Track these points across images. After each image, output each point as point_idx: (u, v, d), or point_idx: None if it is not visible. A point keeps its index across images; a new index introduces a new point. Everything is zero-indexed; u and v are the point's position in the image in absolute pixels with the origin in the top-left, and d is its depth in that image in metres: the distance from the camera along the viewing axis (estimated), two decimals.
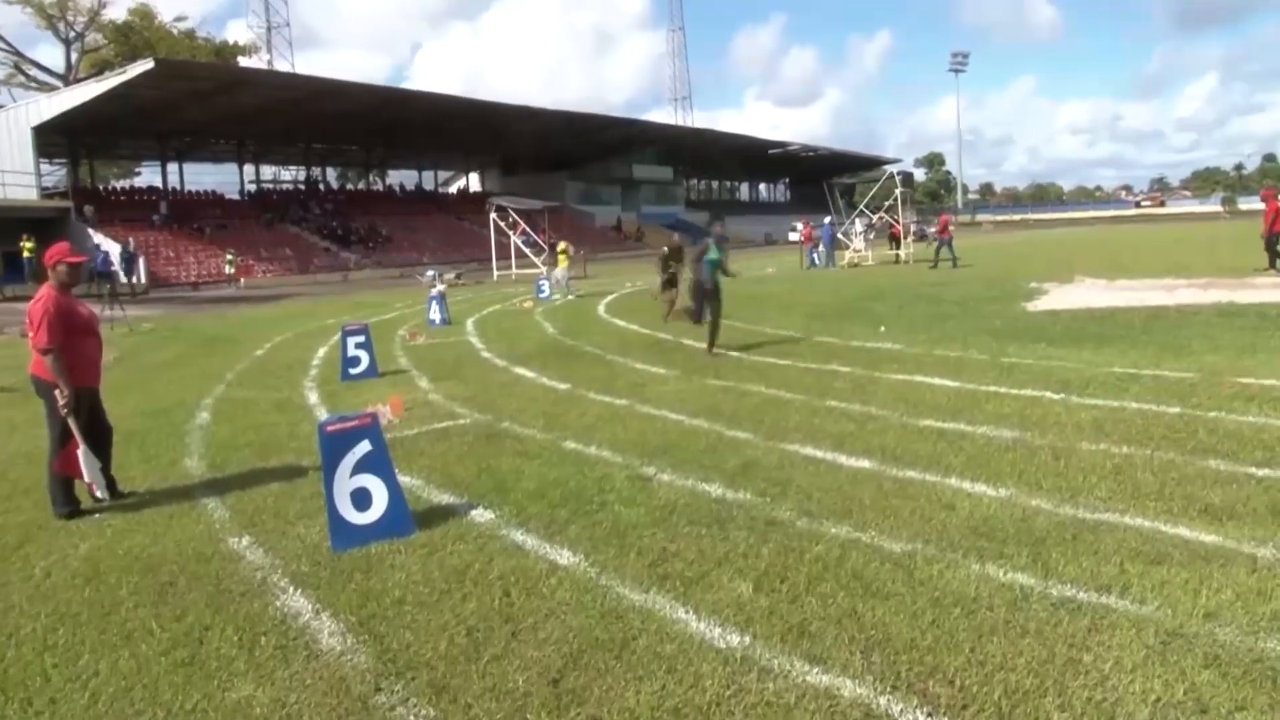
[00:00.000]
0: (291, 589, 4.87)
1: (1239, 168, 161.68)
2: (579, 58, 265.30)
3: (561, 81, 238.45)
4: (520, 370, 12.09)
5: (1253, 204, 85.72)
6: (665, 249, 20.08)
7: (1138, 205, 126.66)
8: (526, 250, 38.57)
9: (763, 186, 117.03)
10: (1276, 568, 4.45)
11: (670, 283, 18.82)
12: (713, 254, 12.97)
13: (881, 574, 4.63)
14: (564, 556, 5.12)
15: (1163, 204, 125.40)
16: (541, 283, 26.95)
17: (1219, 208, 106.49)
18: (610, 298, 24.96)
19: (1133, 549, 4.76)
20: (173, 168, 57.98)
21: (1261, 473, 5.93)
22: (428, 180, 78.40)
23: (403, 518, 5.66)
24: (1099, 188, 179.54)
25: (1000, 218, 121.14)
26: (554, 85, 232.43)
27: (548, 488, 6.42)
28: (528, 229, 39.58)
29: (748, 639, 4.03)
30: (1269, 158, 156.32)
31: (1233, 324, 12.62)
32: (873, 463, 6.63)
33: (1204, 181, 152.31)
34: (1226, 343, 11.15)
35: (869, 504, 5.73)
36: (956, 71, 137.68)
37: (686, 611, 4.33)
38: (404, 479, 6.25)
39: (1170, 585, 4.31)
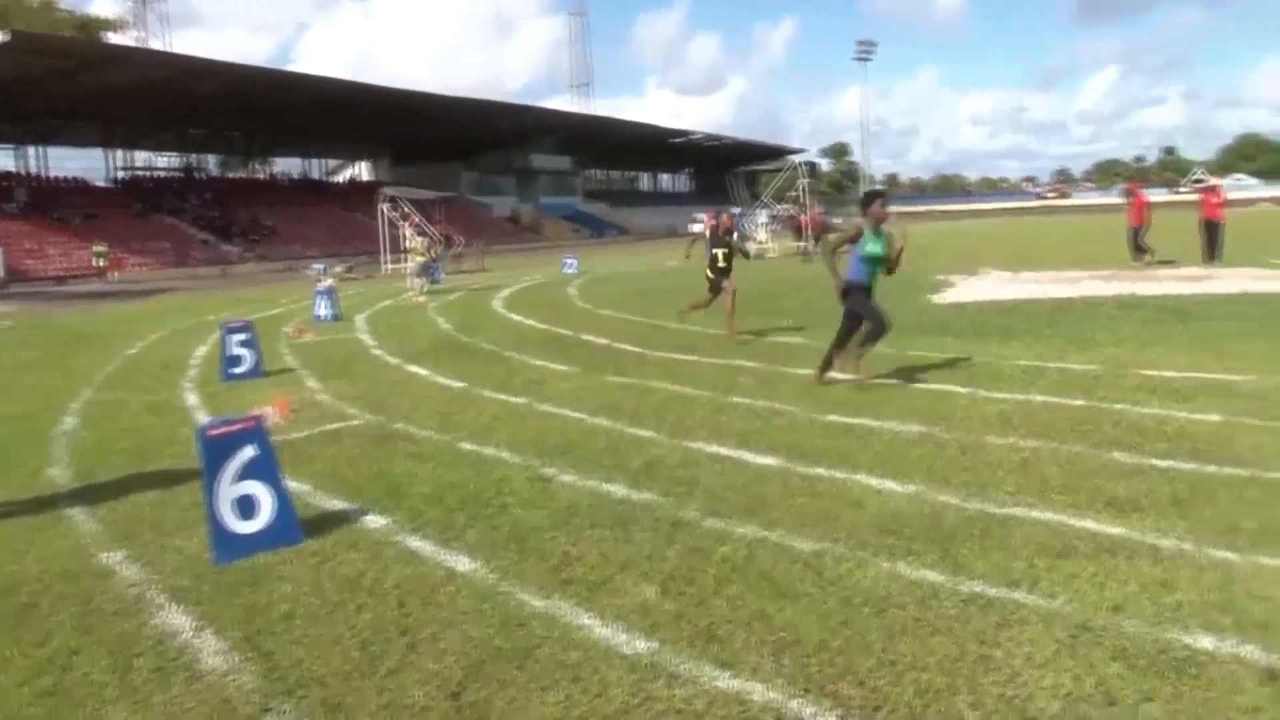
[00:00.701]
0: (170, 606, 4.56)
1: (1139, 160, 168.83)
2: (474, 42, 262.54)
3: (456, 67, 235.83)
4: (413, 368, 11.78)
5: (1155, 196, 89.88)
6: (706, 231, 14.20)
7: (1040, 197, 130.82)
8: (419, 241, 37.94)
9: (666, 177, 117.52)
10: (1179, 558, 4.51)
11: (718, 281, 13.44)
12: (873, 246, 9.08)
13: (791, 574, 4.56)
14: (462, 563, 4.93)
15: (1066, 195, 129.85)
16: (435, 269, 26.50)
17: (1122, 200, 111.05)
18: (507, 292, 24.66)
19: (1040, 543, 4.78)
20: (33, 151, 55.21)
21: (1163, 464, 6.05)
22: (315, 169, 76.53)
23: (291, 526, 5.38)
24: (1004, 179, 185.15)
25: (906, 209, 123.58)
26: (448, 71, 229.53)
27: (444, 491, 6.20)
28: (422, 220, 38.88)
29: (655, 644, 3.91)
30: (1168, 150, 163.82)
31: (1134, 316, 13.04)
32: (779, 460, 6.57)
33: (1105, 173, 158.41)
34: (1129, 335, 11.49)
35: (776, 502, 5.66)
36: (862, 60, 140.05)
37: (591, 617, 4.20)
38: (292, 484, 5.96)
39: (1078, 579, 4.33)
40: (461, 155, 76.14)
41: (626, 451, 7.01)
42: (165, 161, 66.71)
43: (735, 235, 13.40)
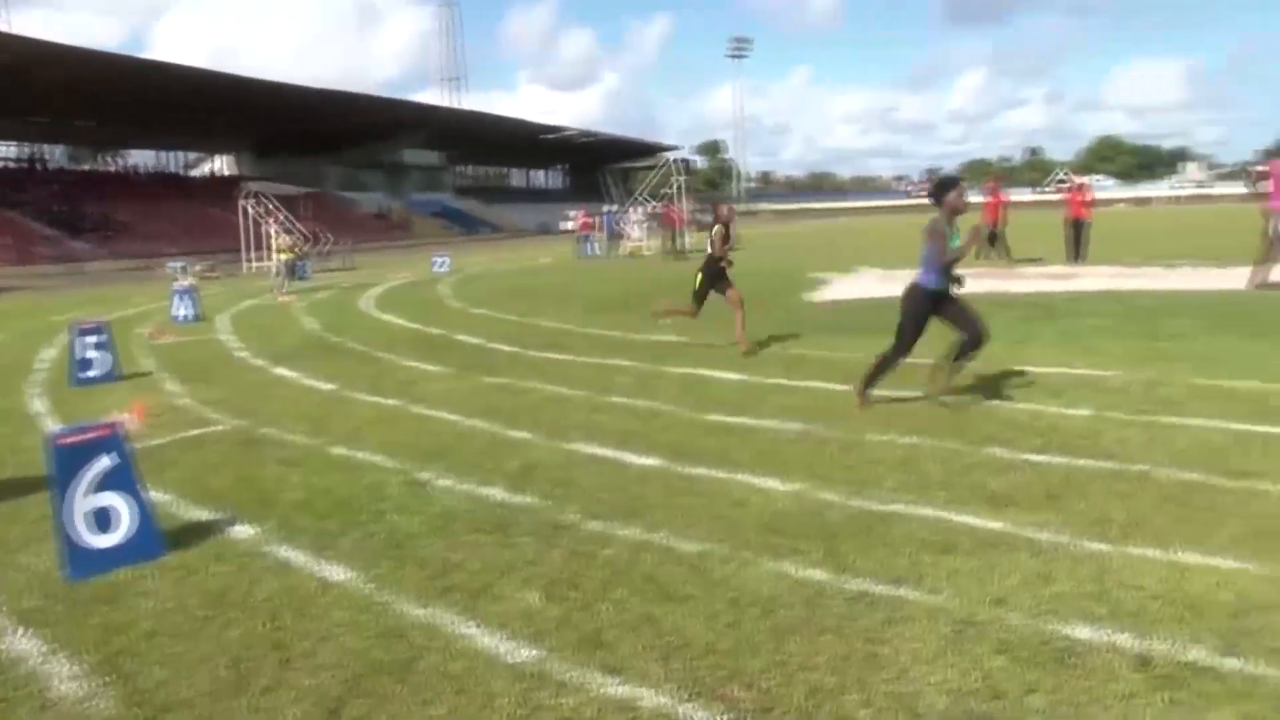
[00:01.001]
0: (17, 629, 4.25)
1: (1004, 160, 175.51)
2: (341, 33, 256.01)
3: (321, 57, 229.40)
4: (280, 370, 11.37)
5: (1021, 195, 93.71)
6: (717, 226, 11.81)
7: (909, 195, 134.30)
8: (285, 239, 36.78)
9: (540, 174, 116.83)
10: (1055, 551, 4.64)
11: (708, 289, 11.57)
12: (954, 241, 7.84)
13: (676, 576, 4.52)
14: (337, 573, 4.74)
15: (994, 194, 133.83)
16: (302, 268, 25.70)
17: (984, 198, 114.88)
18: (377, 291, 24.10)
19: (923, 539, 4.85)
20: None
21: (1037, 459, 6.22)
22: (172, 162, 73.40)
23: (151, 538, 5.08)
24: (879, 177, 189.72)
25: (780, 206, 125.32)
26: (313, 61, 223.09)
27: (315, 498, 5.97)
28: (288, 217, 37.67)
29: (540, 651, 3.83)
30: (1035, 150, 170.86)
31: (1005, 314, 13.46)
32: (660, 460, 6.54)
33: (974, 173, 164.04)
34: (1001, 332, 11.82)
35: (659, 503, 5.62)
36: (737, 58, 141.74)
37: (473, 625, 4.08)
38: (152, 494, 5.63)
39: (960, 574, 4.41)
40: (328, 149, 74.13)
41: (504, 454, 6.89)
42: (5, 151, 62.96)
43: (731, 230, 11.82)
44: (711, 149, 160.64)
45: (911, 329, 7.97)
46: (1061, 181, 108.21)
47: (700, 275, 11.62)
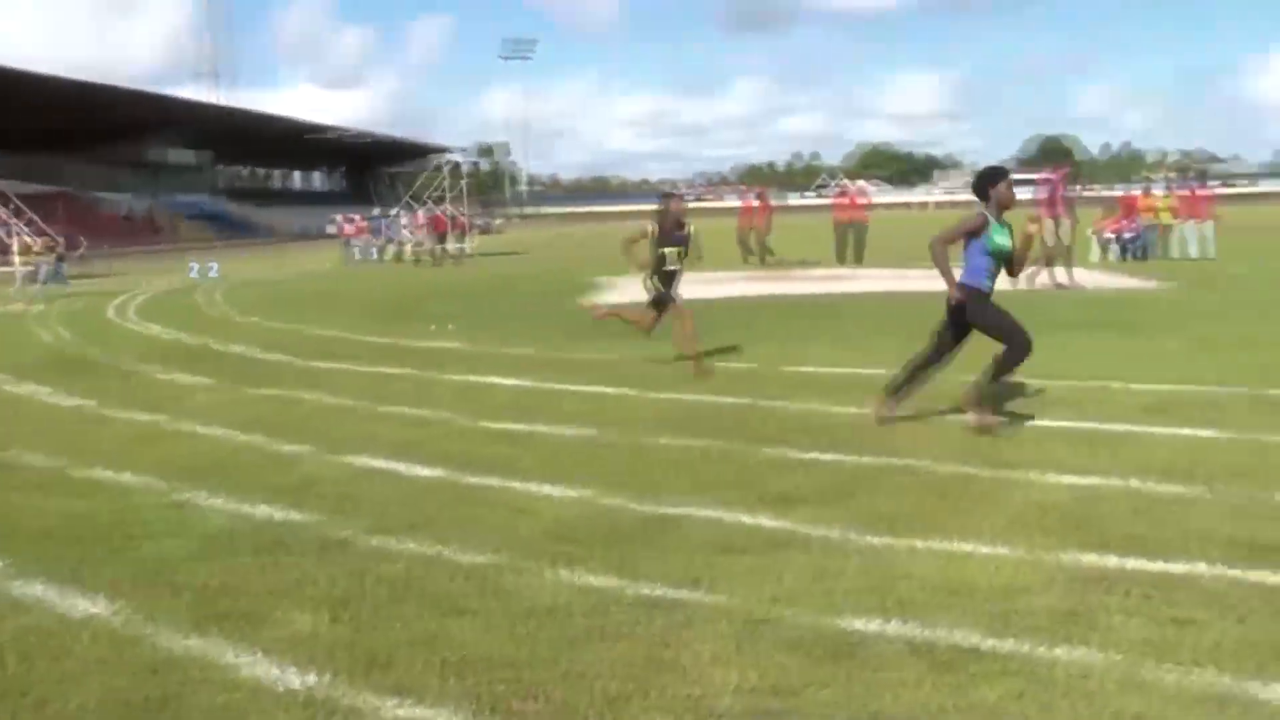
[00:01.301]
0: None
1: (771, 165, 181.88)
2: (93, 20, 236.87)
3: (70, 46, 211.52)
4: (26, 386, 10.46)
5: (804, 200, 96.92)
6: (653, 224, 10.33)
7: (698, 199, 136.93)
8: (38, 241, 33.95)
9: (315, 175, 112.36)
10: (839, 547, 4.77)
11: (666, 293, 10.26)
12: (1001, 238, 7.12)
13: (463, 590, 4.39)
14: (94, 605, 4.33)
15: (720, 199, 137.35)
16: (53, 273, 23.80)
17: (754, 203, 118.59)
18: (136, 299, 22.58)
19: (711, 541, 4.91)
20: None
21: (820, 457, 6.42)
22: None
23: None
24: (663, 180, 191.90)
25: (562, 210, 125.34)
26: (61, 49, 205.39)
27: (68, 525, 5.47)
28: (35, 218, 34.70)
29: (322, 676, 3.60)
30: (814, 155, 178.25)
31: (784, 316, 14.01)
32: (443, 470, 6.37)
33: (753, 177, 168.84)
34: (780, 334, 12.29)
35: (442, 515, 5.46)
36: (520, 59, 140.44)
37: (246, 653, 3.81)
38: None
39: (748, 574, 4.46)
40: (76, 146, 68.74)
41: (278, 469, 6.56)
42: None
43: (688, 228, 10.24)
44: (489, 151, 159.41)
45: (954, 332, 7.29)
46: (823, 185, 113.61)
47: (652, 280, 10.23)
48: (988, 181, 7.26)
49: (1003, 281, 7.35)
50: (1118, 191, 37.21)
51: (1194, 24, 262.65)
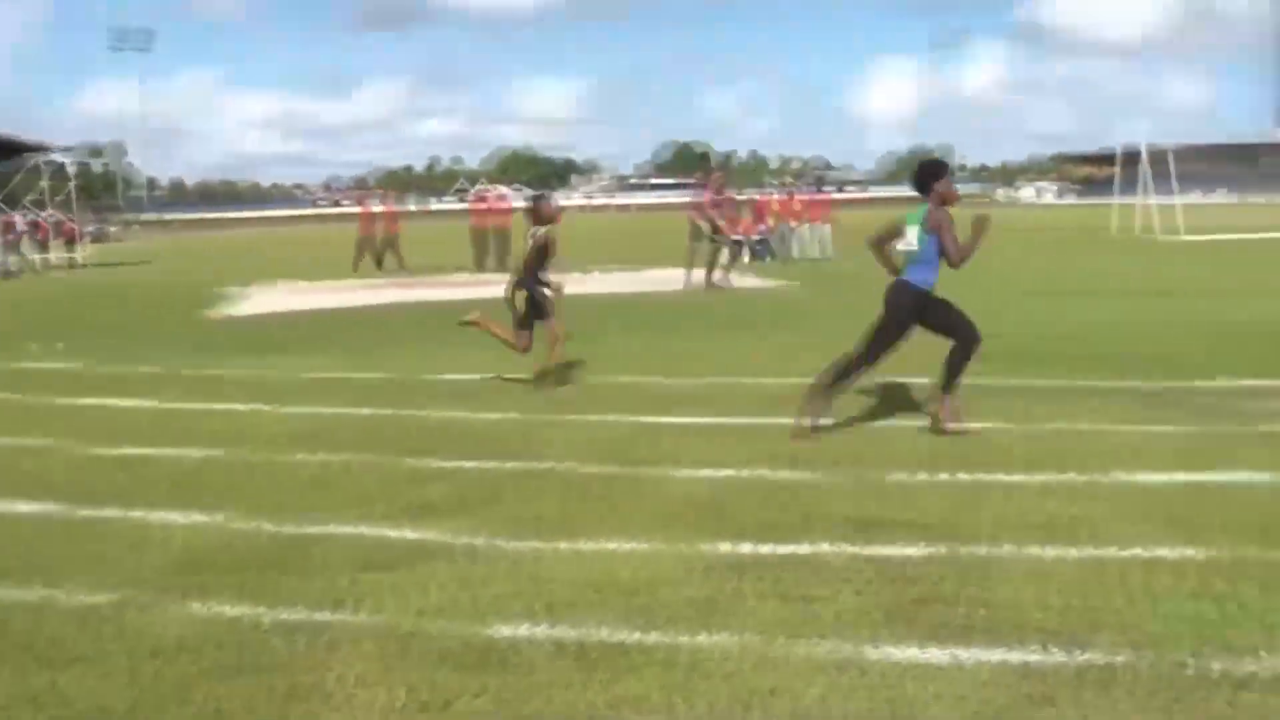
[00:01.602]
0: None
1: (408, 168, 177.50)
2: None
3: None
4: None
5: (449, 205, 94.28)
6: (539, 230, 9.24)
7: (335, 204, 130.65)
8: None
9: None
10: (490, 554, 4.76)
11: (535, 309, 9.22)
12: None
13: (76, 636, 3.94)
14: None
15: (362, 203, 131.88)
16: None
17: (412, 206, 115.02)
18: None
19: (353, 559, 4.73)
20: None
21: (469, 464, 6.39)
22: None
23: None
24: (300, 185, 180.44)
25: (190, 216, 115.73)
26: None
27: None
28: None
29: None
30: (456, 159, 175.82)
31: (418, 324, 13.71)
32: (52, 504, 5.72)
33: (394, 181, 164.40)
34: (413, 342, 12.02)
35: (58, 554, 4.90)
36: (125, 50, 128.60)
37: None
38: None
39: (393, 589, 4.35)
40: None
41: None
42: None
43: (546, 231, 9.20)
44: (99, 152, 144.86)
45: (895, 333, 6.95)
46: (462, 190, 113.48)
47: (518, 295, 9.26)
48: (932, 175, 6.93)
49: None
50: (753, 195, 40.02)
51: (807, 39, 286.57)
